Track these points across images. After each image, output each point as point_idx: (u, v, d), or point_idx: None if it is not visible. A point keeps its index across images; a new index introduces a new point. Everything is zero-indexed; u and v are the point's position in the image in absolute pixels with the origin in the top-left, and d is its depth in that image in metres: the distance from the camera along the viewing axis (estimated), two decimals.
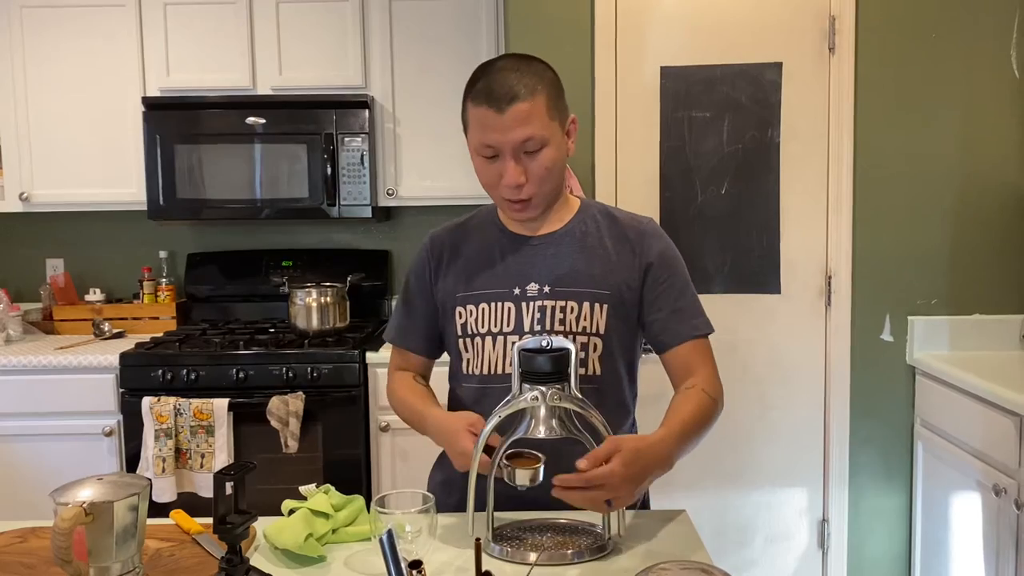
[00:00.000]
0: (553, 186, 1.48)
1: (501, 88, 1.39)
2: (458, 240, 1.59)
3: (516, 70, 1.41)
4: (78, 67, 3.14)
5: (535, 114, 1.39)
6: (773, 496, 2.83)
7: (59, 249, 3.55)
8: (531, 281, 1.50)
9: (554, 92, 1.44)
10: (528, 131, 1.39)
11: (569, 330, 1.48)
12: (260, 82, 3.15)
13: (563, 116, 1.46)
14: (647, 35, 2.72)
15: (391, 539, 0.95)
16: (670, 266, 1.52)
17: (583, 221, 1.54)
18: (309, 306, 3.01)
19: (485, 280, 1.52)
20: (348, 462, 2.84)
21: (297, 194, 3.09)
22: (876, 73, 2.69)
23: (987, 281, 2.75)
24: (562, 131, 1.46)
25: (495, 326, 1.50)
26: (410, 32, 3.14)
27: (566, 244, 1.52)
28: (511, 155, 1.42)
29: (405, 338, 1.64)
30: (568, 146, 1.49)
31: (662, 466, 1.30)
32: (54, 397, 2.86)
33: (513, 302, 1.49)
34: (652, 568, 1.05)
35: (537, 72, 1.42)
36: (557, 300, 1.48)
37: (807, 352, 2.79)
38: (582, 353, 1.48)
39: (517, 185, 1.43)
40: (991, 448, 2.30)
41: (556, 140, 1.43)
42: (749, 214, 2.76)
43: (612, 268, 1.50)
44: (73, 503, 1.06)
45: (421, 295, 1.60)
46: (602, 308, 1.48)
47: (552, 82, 1.44)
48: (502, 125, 1.39)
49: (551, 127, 1.42)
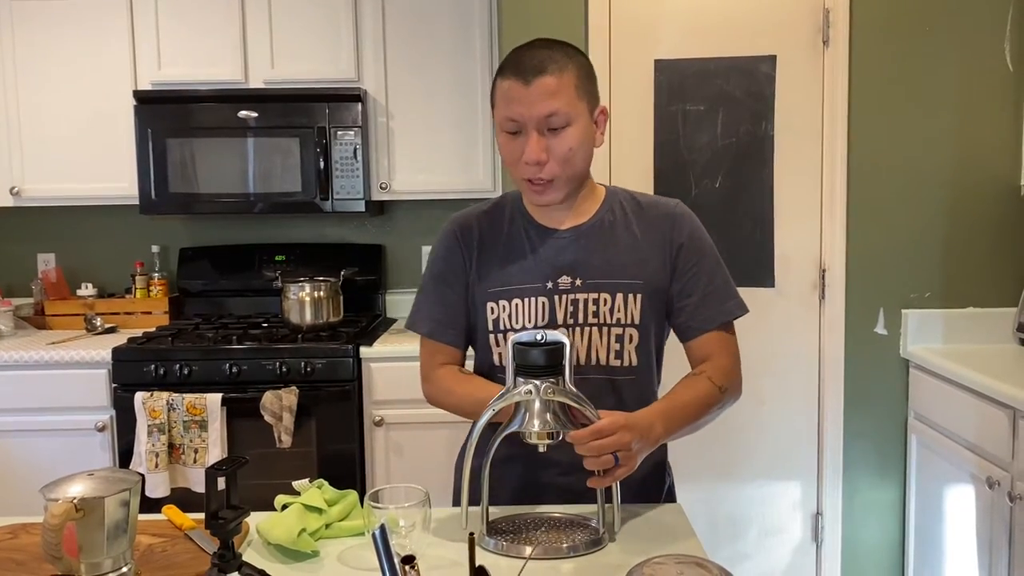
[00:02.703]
0: (576, 171, 1.44)
1: (530, 61, 1.38)
2: (486, 230, 1.55)
3: (547, 47, 1.41)
4: (69, 61, 3.12)
5: (562, 89, 1.37)
6: (767, 489, 2.84)
7: (50, 244, 3.53)
8: (563, 274, 1.48)
9: (584, 73, 1.42)
10: (553, 105, 1.37)
11: (604, 322, 1.47)
12: (252, 75, 3.13)
13: (592, 101, 1.43)
14: (641, 28, 2.71)
15: (384, 534, 0.94)
16: (699, 248, 1.51)
17: (611, 210, 1.53)
18: (302, 300, 3.00)
19: (516, 275, 1.50)
20: (342, 457, 2.84)
21: (290, 188, 3.07)
22: (870, 66, 2.69)
23: (980, 274, 2.75)
24: (590, 116, 1.43)
25: (529, 321, 1.48)
26: (403, 25, 3.12)
27: (595, 235, 1.50)
28: (535, 129, 1.38)
29: (444, 332, 1.58)
30: (596, 135, 1.46)
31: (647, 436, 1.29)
32: (46, 393, 2.85)
33: (546, 296, 1.48)
34: (647, 562, 1.04)
35: (568, 52, 1.41)
36: (590, 292, 1.47)
37: (801, 346, 2.79)
38: (617, 345, 1.47)
39: (538, 162, 1.39)
40: (984, 441, 2.30)
41: (582, 122, 1.40)
42: (743, 208, 2.76)
43: (643, 256, 1.49)
44: (63, 499, 1.05)
45: (456, 284, 1.56)
46: (636, 298, 1.48)
47: (583, 65, 1.43)
48: (528, 97, 1.37)
49: (578, 106, 1.39)
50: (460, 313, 1.56)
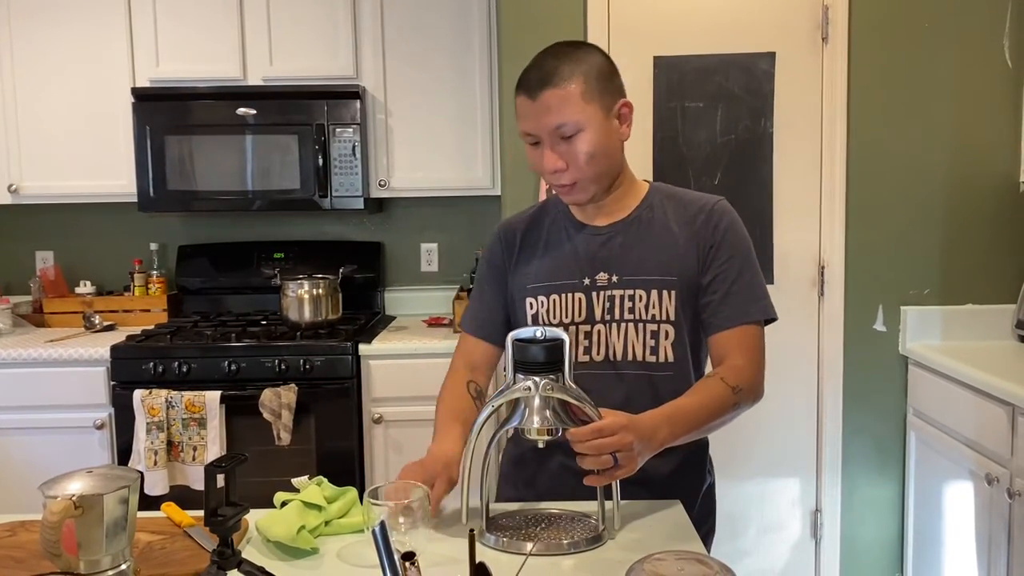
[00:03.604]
0: (600, 171, 1.45)
1: (535, 76, 1.41)
2: (529, 229, 1.59)
3: (555, 56, 1.42)
4: (67, 58, 3.11)
5: (567, 100, 1.39)
6: (766, 486, 2.84)
7: (49, 241, 3.52)
8: (600, 271, 1.51)
9: (595, 75, 1.41)
10: (559, 117, 1.39)
11: (639, 318, 1.48)
12: (251, 73, 3.13)
13: (608, 99, 1.43)
14: (640, 24, 2.71)
15: (384, 531, 0.94)
16: (733, 246, 1.50)
17: (650, 207, 1.54)
18: (301, 298, 3.00)
19: (556, 271, 1.53)
20: (341, 454, 2.84)
21: (288, 185, 3.07)
22: (869, 63, 2.69)
23: (979, 271, 2.75)
24: (605, 115, 1.42)
25: (567, 317, 1.50)
26: (401, 22, 3.12)
27: (633, 232, 1.52)
28: (548, 141, 1.42)
29: (482, 327, 1.62)
30: (620, 130, 1.46)
31: (650, 439, 1.29)
32: (45, 390, 2.84)
33: (584, 293, 1.51)
34: (647, 558, 1.04)
35: (576, 58, 1.42)
36: (626, 289, 1.49)
37: (800, 342, 2.79)
38: (652, 341, 1.48)
39: (556, 171, 1.43)
40: (983, 437, 2.30)
41: (595, 124, 1.41)
42: (742, 205, 2.71)
43: (679, 253, 1.49)
44: (62, 496, 1.05)
45: (495, 283, 1.60)
46: (670, 295, 1.48)
47: (594, 67, 1.42)
48: (535, 112, 1.41)
49: (587, 111, 1.40)
50: (497, 310, 1.60)
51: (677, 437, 1.36)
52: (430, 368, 2.85)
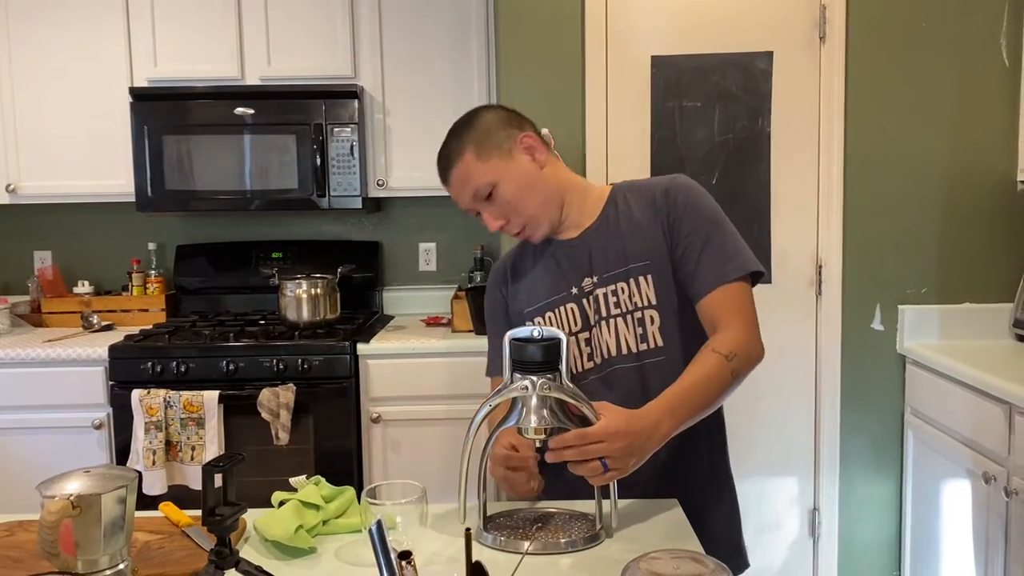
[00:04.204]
0: (535, 206, 1.53)
1: (440, 165, 1.55)
2: (516, 261, 1.67)
3: (446, 140, 1.55)
4: (65, 58, 3.11)
5: (468, 169, 1.50)
6: (764, 485, 2.84)
7: (47, 241, 3.52)
8: (584, 277, 1.55)
9: (481, 135, 1.51)
10: (470, 186, 1.51)
11: (625, 310, 1.51)
12: (249, 72, 3.12)
13: (503, 147, 1.51)
14: (637, 24, 2.71)
15: (380, 530, 0.94)
16: (695, 212, 1.50)
17: (614, 206, 1.57)
18: (299, 298, 3.00)
19: (546, 289, 1.58)
20: (339, 454, 2.84)
21: (287, 185, 3.07)
22: (867, 62, 2.69)
23: (977, 270, 2.76)
24: (510, 161, 1.51)
25: (565, 329, 1.54)
26: (399, 21, 3.12)
27: (603, 232, 1.55)
28: (479, 207, 1.54)
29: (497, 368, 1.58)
30: (534, 162, 1.53)
31: (652, 435, 1.29)
32: (43, 390, 2.84)
33: (575, 302, 1.55)
34: (643, 557, 1.04)
35: (461, 131, 1.53)
36: (607, 285, 1.52)
37: (798, 342, 2.79)
38: (640, 329, 1.50)
39: (500, 227, 1.54)
40: (981, 436, 2.31)
41: (503, 173, 1.50)
42: (740, 204, 2.76)
43: (646, 236, 1.52)
44: (60, 496, 1.05)
45: (499, 321, 1.65)
46: (646, 279, 1.50)
47: (477, 128, 1.52)
48: (454, 192, 1.54)
49: (489, 167, 1.50)
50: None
51: (681, 424, 1.35)
52: (428, 368, 2.86)
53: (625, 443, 1.24)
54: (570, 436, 1.23)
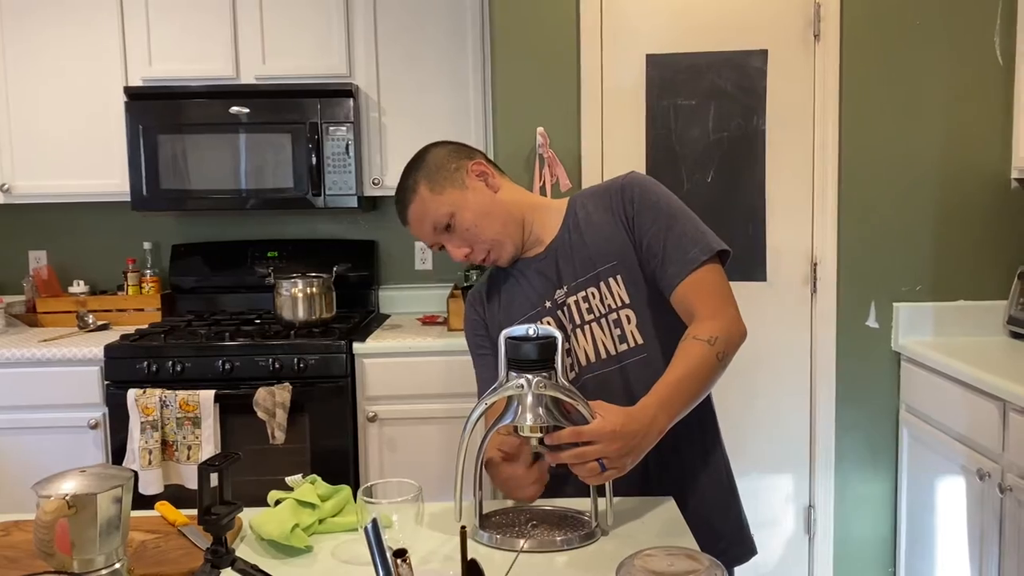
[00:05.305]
0: (495, 230, 1.55)
1: (397, 206, 1.59)
2: (491, 287, 1.67)
3: (400, 181, 1.59)
4: (59, 56, 3.10)
5: (423, 204, 1.54)
6: (759, 483, 2.85)
7: (42, 241, 3.52)
8: (555, 289, 1.56)
9: (432, 170, 1.55)
10: (428, 223, 1.54)
11: (599, 314, 1.51)
12: (244, 71, 3.12)
13: (455, 177, 1.54)
14: (632, 22, 2.71)
15: (376, 528, 0.94)
16: (652, 206, 1.51)
17: (574, 216, 1.58)
18: (295, 297, 3.00)
19: (522, 308, 1.59)
20: (335, 453, 2.84)
21: (282, 184, 3.07)
22: (861, 60, 2.70)
23: (971, 267, 2.77)
24: (462, 189, 1.54)
25: None
26: (394, 20, 3.12)
27: (567, 243, 1.56)
28: (441, 240, 1.56)
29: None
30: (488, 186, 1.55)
31: (648, 433, 1.29)
32: (38, 390, 2.84)
33: (550, 315, 1.55)
34: (637, 554, 1.04)
35: (409, 171, 1.58)
36: (578, 292, 1.53)
37: (793, 339, 2.80)
38: (617, 330, 1.51)
39: (465, 256, 1.56)
40: (975, 433, 2.31)
41: (459, 202, 1.53)
42: (735, 202, 2.76)
43: (609, 237, 1.52)
44: (55, 496, 1.05)
45: (484, 346, 1.65)
46: (616, 280, 1.51)
47: (428, 163, 1.57)
48: (415, 230, 1.58)
49: (443, 199, 1.53)
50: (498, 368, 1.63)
51: (676, 416, 1.35)
52: (424, 366, 2.86)
53: (621, 443, 1.24)
54: (565, 433, 1.24)
